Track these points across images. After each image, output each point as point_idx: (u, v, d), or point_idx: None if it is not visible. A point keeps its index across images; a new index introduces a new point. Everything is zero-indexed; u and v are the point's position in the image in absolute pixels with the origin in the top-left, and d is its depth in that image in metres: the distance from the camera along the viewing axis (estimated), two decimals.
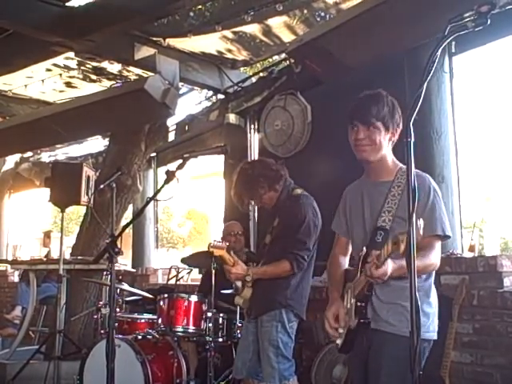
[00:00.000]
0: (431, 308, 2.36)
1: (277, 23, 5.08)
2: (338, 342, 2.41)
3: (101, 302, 4.77)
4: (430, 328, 2.34)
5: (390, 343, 2.29)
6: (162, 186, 2.85)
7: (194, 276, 7.02)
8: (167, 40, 5.43)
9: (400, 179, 2.39)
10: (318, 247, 3.55)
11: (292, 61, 5.38)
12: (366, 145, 2.44)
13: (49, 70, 6.07)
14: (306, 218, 3.44)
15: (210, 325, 4.09)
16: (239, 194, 3.72)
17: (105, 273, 5.38)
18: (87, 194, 5.15)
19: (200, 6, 4.83)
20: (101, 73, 6.26)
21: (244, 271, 3.42)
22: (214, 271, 4.06)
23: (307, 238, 3.44)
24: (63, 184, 5.11)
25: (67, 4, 4.79)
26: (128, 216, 7.37)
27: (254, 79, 6.44)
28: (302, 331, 3.84)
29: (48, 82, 6.41)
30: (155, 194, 2.99)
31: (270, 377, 3.37)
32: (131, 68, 6.04)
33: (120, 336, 4.27)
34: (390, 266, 2.14)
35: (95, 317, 4.86)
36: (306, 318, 3.58)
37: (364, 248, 2.36)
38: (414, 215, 1.71)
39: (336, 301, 2.51)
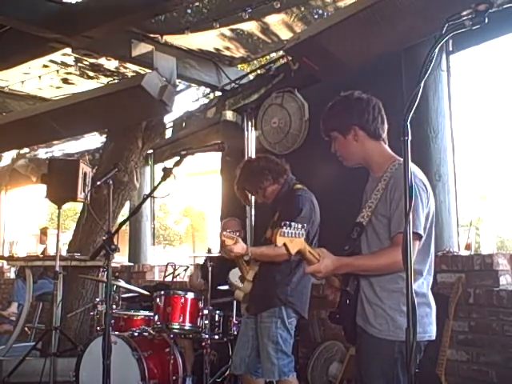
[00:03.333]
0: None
1: (274, 21, 5.08)
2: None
3: (97, 299, 4.77)
4: (418, 330, 2.31)
5: (373, 345, 2.27)
6: (159, 183, 2.85)
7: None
8: (164, 37, 5.41)
9: (387, 174, 2.33)
10: (317, 244, 3.54)
11: (289, 58, 5.38)
12: (340, 156, 2.52)
13: (46, 66, 6.05)
14: (302, 209, 3.45)
15: (207, 322, 4.09)
16: (243, 187, 3.73)
17: (101, 269, 5.38)
18: (84, 191, 5.15)
19: (197, 3, 4.82)
20: (98, 69, 6.25)
21: (243, 250, 3.40)
22: (210, 268, 4.07)
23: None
24: (60, 180, 5.10)
25: (64, 0, 4.79)
26: (125, 213, 7.38)
27: (251, 76, 6.43)
28: (299, 328, 3.84)
29: (45, 78, 6.39)
30: (152, 190, 2.99)
31: (270, 372, 3.38)
32: (128, 65, 6.02)
33: (116, 333, 4.27)
34: (324, 263, 2.17)
35: (91, 313, 4.85)
36: (307, 316, 3.59)
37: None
38: (408, 213, 1.69)
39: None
